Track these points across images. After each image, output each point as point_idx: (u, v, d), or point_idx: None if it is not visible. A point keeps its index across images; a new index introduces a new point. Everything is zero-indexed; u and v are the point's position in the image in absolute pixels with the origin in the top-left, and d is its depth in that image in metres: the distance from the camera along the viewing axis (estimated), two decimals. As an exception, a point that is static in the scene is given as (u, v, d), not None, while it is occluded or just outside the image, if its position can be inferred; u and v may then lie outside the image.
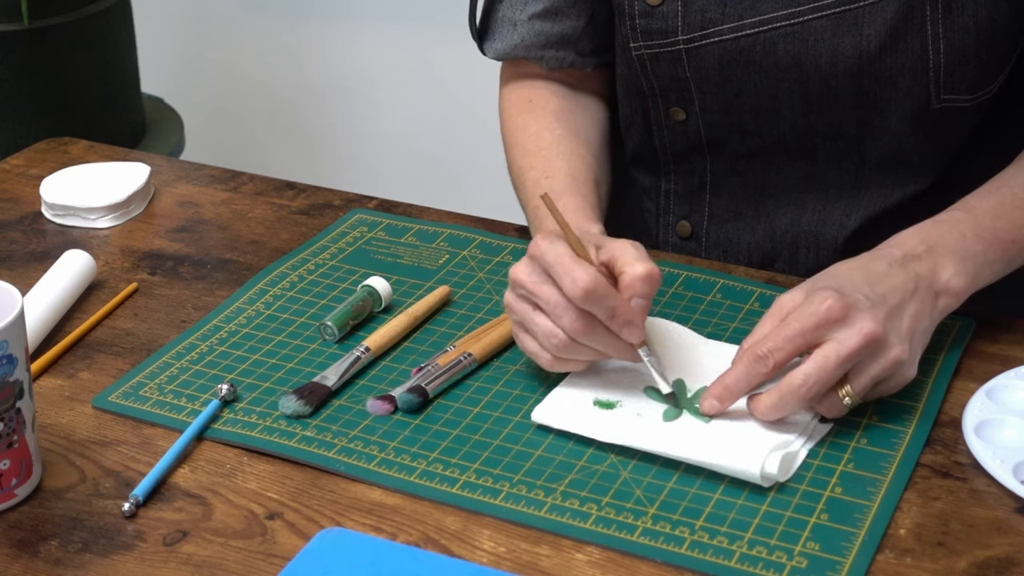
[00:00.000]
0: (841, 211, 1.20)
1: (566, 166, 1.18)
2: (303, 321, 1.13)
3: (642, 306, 0.97)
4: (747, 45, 1.14)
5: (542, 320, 0.97)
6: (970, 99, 1.14)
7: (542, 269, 0.97)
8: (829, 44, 1.12)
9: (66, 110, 2.16)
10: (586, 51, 1.27)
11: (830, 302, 0.93)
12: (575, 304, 0.95)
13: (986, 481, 0.92)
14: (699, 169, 1.25)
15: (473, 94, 2.40)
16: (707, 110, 1.20)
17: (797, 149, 1.19)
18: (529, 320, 0.98)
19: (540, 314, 0.98)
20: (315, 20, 2.68)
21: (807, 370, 0.93)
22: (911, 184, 1.18)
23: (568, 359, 0.99)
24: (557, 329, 0.96)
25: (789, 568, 0.84)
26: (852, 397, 0.94)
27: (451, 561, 0.86)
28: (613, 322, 0.96)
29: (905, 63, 1.12)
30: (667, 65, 1.18)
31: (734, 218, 1.25)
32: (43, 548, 0.89)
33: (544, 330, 0.97)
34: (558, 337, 0.97)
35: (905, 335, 0.95)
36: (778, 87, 1.15)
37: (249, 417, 1.00)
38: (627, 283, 0.97)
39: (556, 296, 0.96)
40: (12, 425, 0.91)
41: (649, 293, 0.97)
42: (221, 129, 2.83)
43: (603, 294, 0.95)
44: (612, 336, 0.97)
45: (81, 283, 1.17)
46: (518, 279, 0.98)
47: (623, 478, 0.93)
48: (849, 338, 0.92)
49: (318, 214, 1.31)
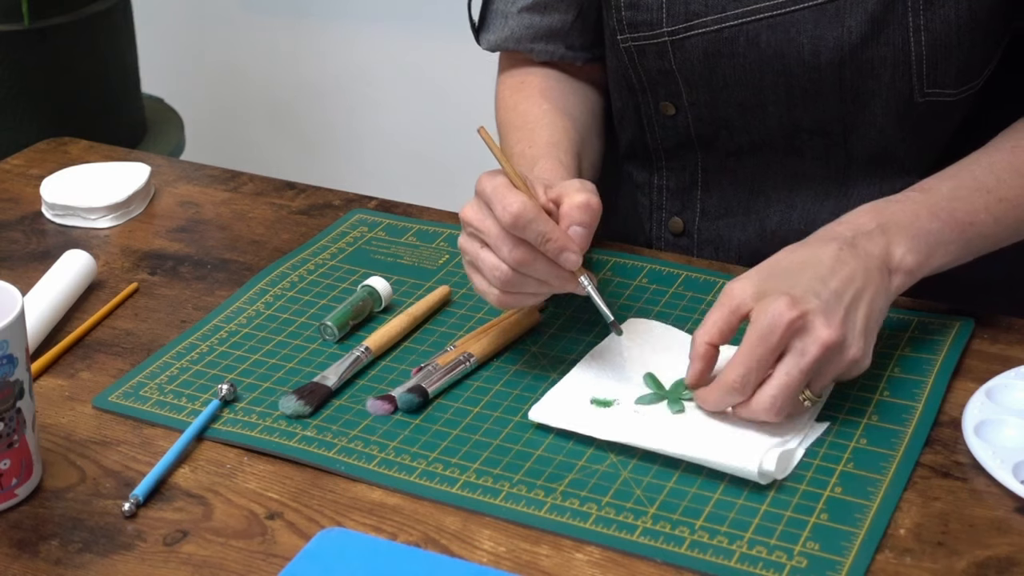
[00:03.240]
0: (830, 209, 1.21)
1: (548, 135, 1.20)
2: (303, 321, 1.13)
3: (580, 234, 0.98)
4: (731, 36, 1.15)
5: (487, 255, 0.98)
6: (954, 93, 1.14)
7: (485, 204, 0.98)
8: (811, 36, 1.13)
9: (66, 110, 2.16)
10: (576, 45, 1.28)
11: (788, 315, 0.92)
12: (511, 233, 0.96)
13: (986, 481, 0.92)
14: (690, 165, 1.25)
15: (473, 94, 2.40)
16: (695, 104, 1.20)
17: (785, 146, 1.20)
18: (476, 256, 1.00)
19: (486, 250, 0.99)
20: (315, 20, 2.68)
21: (773, 393, 0.93)
22: (899, 180, 1.18)
23: (515, 293, 0.99)
24: (499, 261, 0.97)
25: (789, 568, 0.84)
26: (811, 399, 0.95)
27: (451, 561, 0.86)
28: (547, 247, 0.97)
29: (887, 55, 1.12)
30: (653, 58, 1.19)
31: (725, 215, 1.26)
32: (43, 548, 0.89)
33: (489, 264, 0.98)
34: (500, 269, 0.98)
35: (860, 333, 0.96)
36: (762, 80, 1.16)
37: (249, 417, 1.00)
38: (564, 211, 0.98)
39: (495, 228, 0.97)
40: (12, 425, 0.91)
41: (588, 222, 0.98)
42: (221, 129, 2.83)
43: (532, 218, 0.96)
44: (552, 265, 0.98)
45: (81, 283, 1.17)
46: (466, 217, 1.00)
47: (623, 478, 0.93)
48: (808, 348, 0.93)
49: (318, 214, 1.31)
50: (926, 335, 1.07)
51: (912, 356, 1.04)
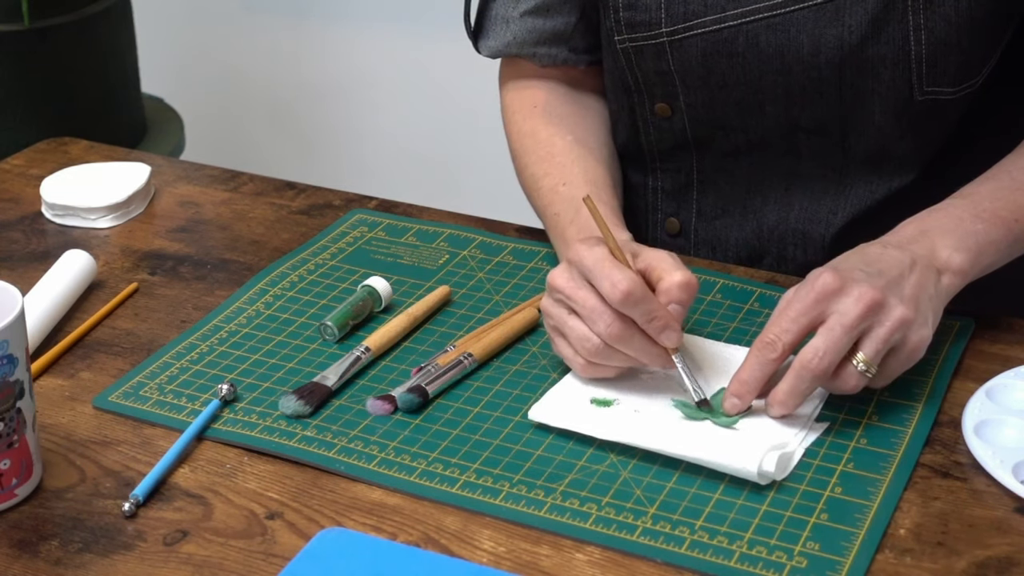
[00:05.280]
0: (828, 208, 1.21)
1: (582, 172, 1.19)
2: (303, 321, 1.13)
3: (679, 312, 0.98)
4: (730, 37, 1.15)
5: (577, 324, 0.98)
6: (953, 92, 1.15)
7: (580, 274, 0.98)
8: (811, 35, 1.13)
9: (66, 110, 2.16)
10: (579, 48, 1.28)
11: (825, 276, 0.94)
12: (612, 308, 0.96)
13: (986, 481, 0.92)
14: (686, 167, 1.25)
15: (473, 94, 2.40)
16: (692, 105, 1.20)
17: (782, 146, 1.20)
18: (564, 324, 0.99)
19: (575, 318, 0.98)
20: (315, 21, 2.68)
21: (816, 344, 0.93)
22: (896, 179, 1.19)
23: (601, 364, 0.99)
24: (591, 333, 0.97)
25: (789, 568, 0.84)
26: (867, 363, 0.94)
27: (451, 561, 0.86)
28: (651, 326, 0.96)
29: (887, 54, 1.12)
30: (651, 58, 1.19)
31: (722, 215, 1.25)
32: (43, 548, 0.89)
33: (579, 334, 0.98)
34: (592, 341, 0.97)
35: (908, 297, 0.96)
36: (761, 80, 1.16)
37: (249, 417, 1.00)
38: (664, 288, 0.98)
39: (593, 300, 0.96)
40: (12, 425, 0.91)
41: (687, 300, 0.98)
42: (221, 129, 2.83)
43: (641, 297, 0.95)
44: (647, 341, 0.97)
45: (81, 283, 1.17)
46: (556, 284, 0.99)
47: (623, 478, 0.93)
48: (850, 306, 0.93)
49: (318, 214, 1.31)
50: (926, 335, 1.07)
51: (912, 356, 1.04)
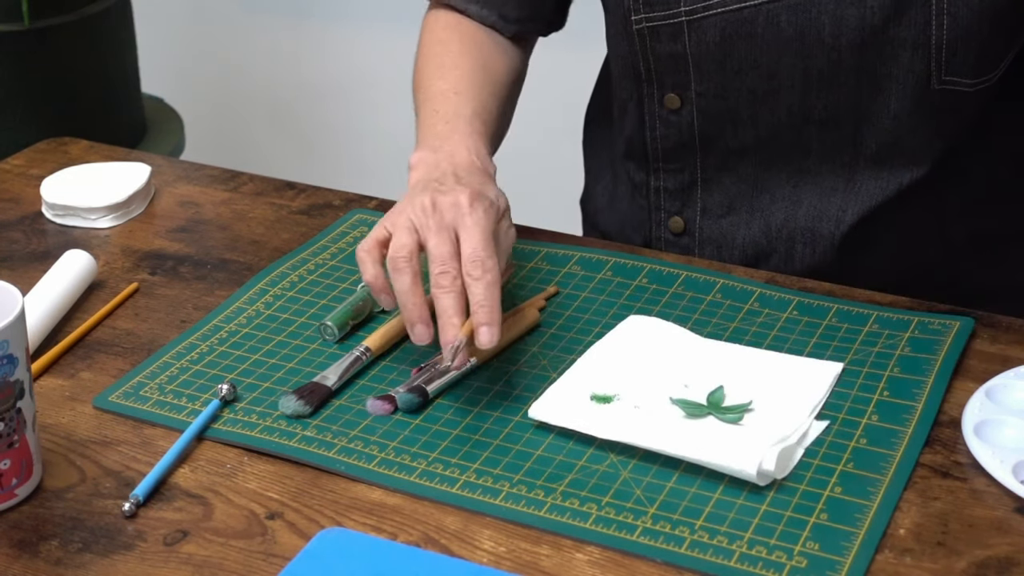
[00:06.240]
0: (837, 206, 1.20)
1: (477, 92, 1.22)
2: (303, 321, 1.13)
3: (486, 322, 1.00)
4: (750, 17, 1.14)
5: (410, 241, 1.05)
6: (971, 84, 1.14)
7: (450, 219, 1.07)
8: (833, 15, 1.12)
9: (66, 110, 2.16)
10: (510, 17, 1.30)
11: None
12: (459, 263, 1.01)
13: (986, 481, 0.92)
14: (689, 166, 1.25)
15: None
16: (703, 94, 1.20)
17: (791, 141, 1.19)
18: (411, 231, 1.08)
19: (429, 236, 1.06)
20: (315, 21, 2.68)
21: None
22: (906, 174, 1.18)
23: (391, 284, 1.03)
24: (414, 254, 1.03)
25: (789, 568, 0.85)
26: None
27: (451, 561, 0.86)
28: (476, 315, 0.99)
29: (908, 36, 1.12)
30: (667, 40, 1.19)
31: (728, 213, 1.25)
32: (43, 548, 0.89)
33: (401, 246, 1.04)
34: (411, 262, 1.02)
35: None
36: (779, 63, 1.15)
37: (249, 417, 1.00)
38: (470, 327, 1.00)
39: (449, 247, 1.02)
40: (12, 425, 0.91)
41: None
42: (221, 129, 2.83)
43: (493, 281, 0.99)
44: (457, 312, 1.00)
45: (81, 283, 1.17)
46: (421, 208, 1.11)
47: (623, 478, 0.93)
48: None
49: (318, 214, 1.31)
50: (926, 335, 1.07)
51: (912, 356, 1.04)
